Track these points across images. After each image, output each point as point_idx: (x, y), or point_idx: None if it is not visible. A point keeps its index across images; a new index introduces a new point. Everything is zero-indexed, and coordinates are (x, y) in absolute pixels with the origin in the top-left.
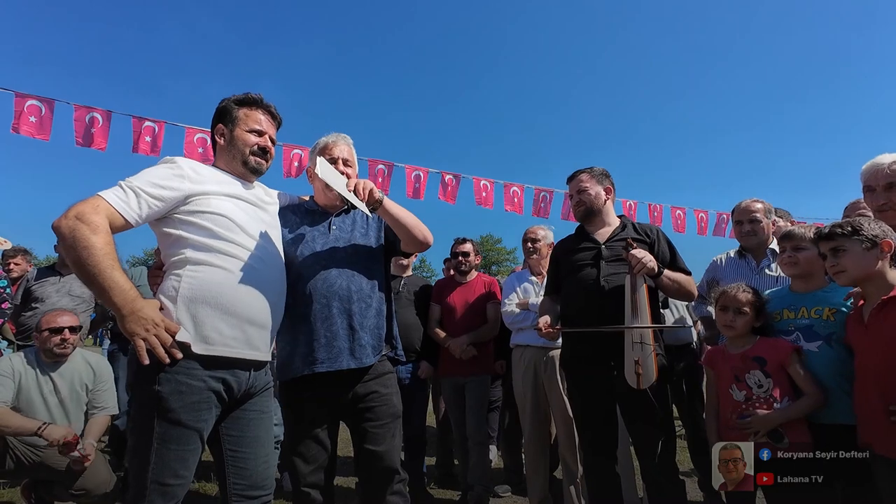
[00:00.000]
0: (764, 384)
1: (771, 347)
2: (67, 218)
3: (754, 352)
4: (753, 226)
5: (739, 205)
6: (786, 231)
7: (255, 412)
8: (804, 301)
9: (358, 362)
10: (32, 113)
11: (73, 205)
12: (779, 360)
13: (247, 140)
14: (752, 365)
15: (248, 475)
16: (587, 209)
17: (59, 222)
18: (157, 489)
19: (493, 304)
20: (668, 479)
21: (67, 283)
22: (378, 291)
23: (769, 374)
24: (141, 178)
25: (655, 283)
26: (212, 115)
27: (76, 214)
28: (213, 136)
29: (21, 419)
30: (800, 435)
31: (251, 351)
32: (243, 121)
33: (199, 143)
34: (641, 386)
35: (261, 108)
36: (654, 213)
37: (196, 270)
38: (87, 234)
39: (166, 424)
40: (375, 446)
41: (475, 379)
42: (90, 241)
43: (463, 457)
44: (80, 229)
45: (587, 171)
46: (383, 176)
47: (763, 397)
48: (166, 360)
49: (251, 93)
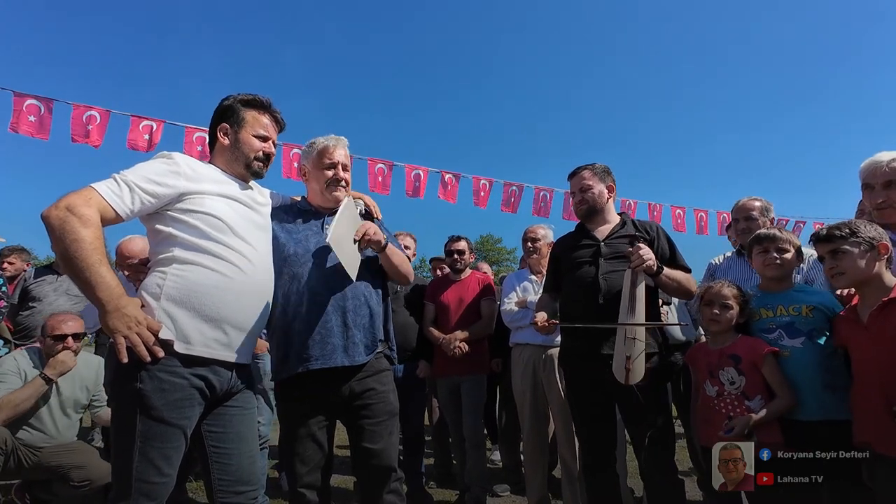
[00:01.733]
0: (736, 381)
1: (748, 346)
2: (58, 208)
3: (731, 349)
4: (749, 223)
5: (738, 203)
6: (768, 233)
7: (237, 408)
8: (779, 300)
9: (351, 360)
10: (31, 112)
11: (64, 195)
12: (753, 359)
13: (252, 145)
14: (727, 362)
15: (233, 471)
16: (589, 208)
17: (48, 212)
18: (141, 487)
19: (487, 300)
20: (667, 478)
21: (65, 283)
22: (372, 290)
23: (742, 371)
24: (136, 172)
25: (654, 282)
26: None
27: (67, 205)
28: (213, 132)
29: (25, 389)
30: (771, 435)
31: (231, 353)
32: (250, 124)
33: (198, 141)
34: (629, 382)
35: (268, 113)
36: (653, 213)
37: (183, 270)
38: (76, 226)
39: (149, 422)
40: (372, 444)
41: (472, 378)
42: (80, 233)
43: (461, 456)
44: (69, 221)
45: (589, 168)
46: (383, 175)
47: (734, 394)
48: (147, 358)
49: (258, 95)
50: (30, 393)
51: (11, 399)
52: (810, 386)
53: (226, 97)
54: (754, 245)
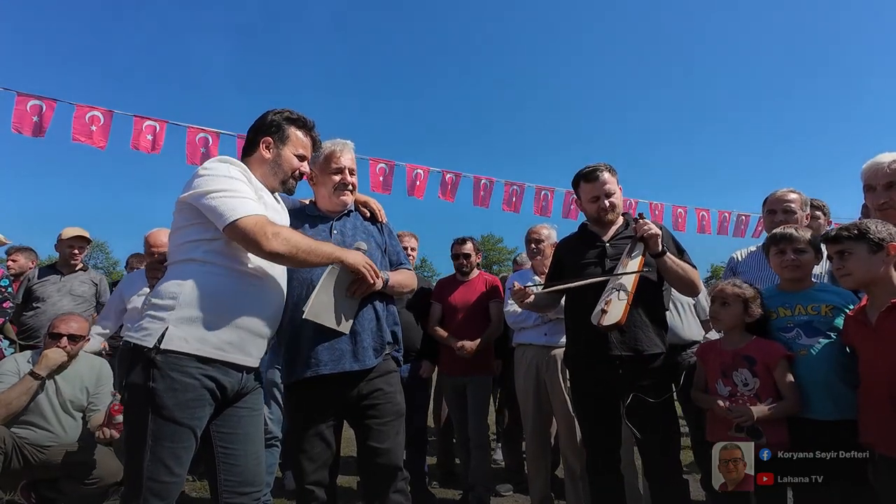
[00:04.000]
0: (750, 383)
1: (763, 349)
2: (271, 239)
3: (746, 350)
4: (788, 216)
5: (774, 194)
6: (785, 233)
7: (246, 409)
8: (797, 299)
9: (360, 364)
10: (34, 112)
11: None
12: (767, 362)
13: (293, 164)
14: (741, 363)
15: (240, 472)
16: (616, 213)
17: (270, 247)
18: (152, 486)
19: (495, 303)
20: (672, 477)
21: (68, 283)
22: (378, 294)
23: (757, 374)
24: (236, 185)
25: (658, 265)
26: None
27: (272, 234)
28: (253, 142)
29: (15, 387)
30: (777, 434)
31: (244, 357)
32: (293, 142)
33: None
34: (602, 323)
35: (310, 135)
36: (654, 212)
37: (205, 271)
38: (293, 240)
39: (160, 421)
40: (379, 444)
41: (476, 379)
42: (298, 242)
43: (464, 456)
44: (285, 242)
45: (608, 170)
46: (384, 175)
47: (747, 395)
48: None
49: (304, 115)
50: (20, 390)
51: (2, 398)
52: (826, 386)
53: (273, 111)
54: (771, 245)
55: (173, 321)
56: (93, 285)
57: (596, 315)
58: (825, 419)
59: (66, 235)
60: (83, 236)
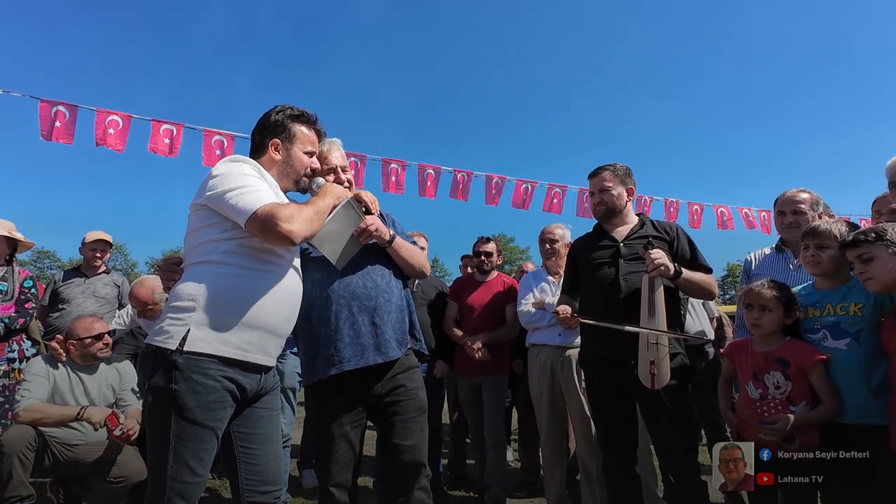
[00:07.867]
0: (782, 386)
1: (797, 351)
2: (288, 223)
3: (779, 353)
4: (797, 217)
5: (784, 194)
6: (810, 227)
7: (265, 409)
8: (828, 298)
9: (384, 356)
10: (58, 119)
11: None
12: (801, 366)
13: (304, 162)
14: (773, 365)
15: (261, 471)
16: (608, 209)
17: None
18: (175, 487)
19: (512, 305)
20: (689, 479)
21: (92, 285)
22: (396, 283)
23: (790, 377)
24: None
25: (674, 284)
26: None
27: (287, 218)
28: (262, 145)
29: (60, 408)
30: (809, 436)
31: (264, 357)
32: (300, 140)
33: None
34: (655, 387)
35: (315, 128)
36: (669, 210)
37: (225, 271)
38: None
39: (183, 423)
40: (403, 440)
41: (492, 379)
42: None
43: (479, 457)
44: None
45: (610, 169)
46: (396, 174)
47: (779, 398)
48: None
49: (306, 110)
50: (61, 414)
51: (45, 411)
52: (850, 389)
53: (274, 110)
54: (802, 240)
55: (194, 323)
56: (115, 287)
57: (645, 378)
58: (852, 423)
59: (89, 239)
60: (105, 240)
